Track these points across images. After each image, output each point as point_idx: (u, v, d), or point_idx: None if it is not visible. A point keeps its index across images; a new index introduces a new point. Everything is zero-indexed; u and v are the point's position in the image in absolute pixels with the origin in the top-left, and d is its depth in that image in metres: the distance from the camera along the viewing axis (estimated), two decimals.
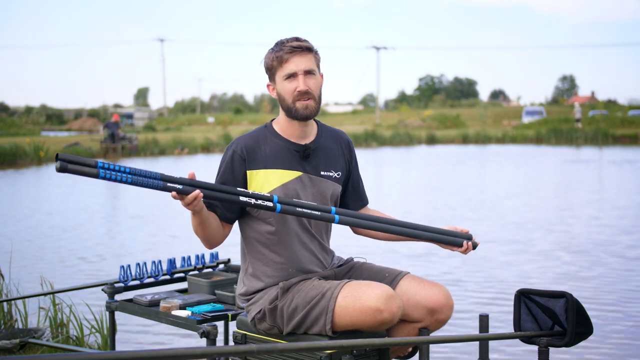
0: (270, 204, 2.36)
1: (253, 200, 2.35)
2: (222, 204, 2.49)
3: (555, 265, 6.74)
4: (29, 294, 4.18)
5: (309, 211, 2.42)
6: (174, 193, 2.25)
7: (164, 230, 9.15)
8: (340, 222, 2.49)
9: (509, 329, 3.63)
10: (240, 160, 2.51)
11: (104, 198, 13.20)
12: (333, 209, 2.49)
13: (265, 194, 2.38)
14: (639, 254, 7.27)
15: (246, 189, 2.51)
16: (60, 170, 2.08)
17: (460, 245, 2.63)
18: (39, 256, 7.34)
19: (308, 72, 2.48)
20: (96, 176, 2.12)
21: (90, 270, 6.64)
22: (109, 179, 2.13)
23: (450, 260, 6.80)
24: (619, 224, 9.19)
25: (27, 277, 5.91)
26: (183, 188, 2.27)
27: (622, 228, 8.87)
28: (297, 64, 2.47)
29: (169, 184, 2.25)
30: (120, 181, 2.16)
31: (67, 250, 7.68)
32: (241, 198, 2.34)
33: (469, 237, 2.66)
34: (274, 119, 2.64)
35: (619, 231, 8.62)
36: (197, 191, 2.28)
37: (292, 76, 2.48)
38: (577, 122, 37.16)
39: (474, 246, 2.67)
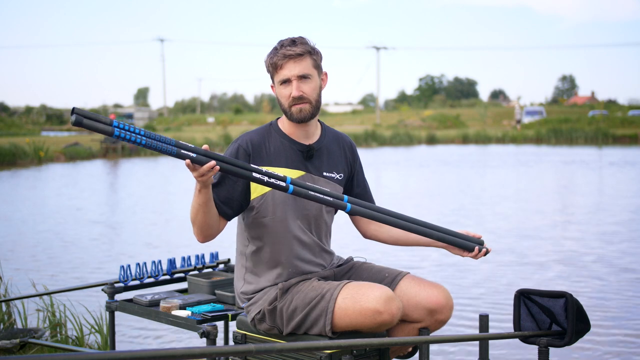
0: (283, 183, 2.34)
1: (266, 178, 2.32)
2: (223, 198, 2.47)
3: (555, 266, 6.74)
4: (29, 294, 4.18)
5: (321, 196, 2.39)
6: (188, 161, 2.22)
7: (164, 231, 9.15)
8: (352, 211, 2.46)
9: (509, 329, 3.63)
10: (244, 155, 2.51)
11: (103, 198, 13.20)
12: (345, 197, 2.47)
13: (279, 174, 2.36)
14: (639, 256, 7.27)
15: (248, 183, 2.50)
16: (76, 123, 2.06)
17: (472, 250, 2.60)
18: (38, 256, 7.34)
19: (302, 77, 2.49)
20: (110, 134, 2.10)
21: (90, 270, 6.64)
22: (123, 139, 2.12)
23: (450, 261, 6.79)
24: (619, 226, 9.19)
25: (26, 277, 5.90)
26: (197, 157, 2.24)
27: (622, 230, 8.87)
28: (291, 69, 2.47)
29: (183, 151, 2.22)
30: (135, 142, 2.13)
31: (67, 250, 7.68)
32: (254, 174, 2.31)
33: (481, 243, 2.63)
34: (279, 118, 2.65)
35: (620, 233, 8.62)
36: (213, 162, 2.25)
37: (286, 82, 2.50)
38: (517, 123, 40.28)
39: (486, 253, 2.62)
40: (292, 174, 2.53)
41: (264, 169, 2.49)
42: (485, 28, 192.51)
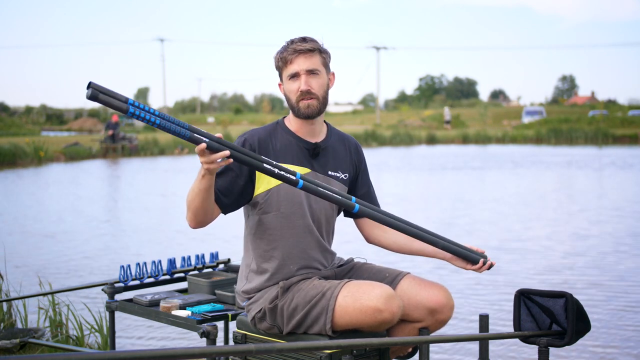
0: (293, 177, 2.32)
1: (276, 170, 2.30)
2: (222, 189, 2.47)
3: (555, 267, 6.74)
4: (29, 294, 4.18)
5: (330, 193, 2.38)
6: (203, 145, 2.19)
7: (164, 231, 9.15)
8: (359, 212, 2.43)
9: (509, 329, 3.63)
10: (250, 150, 2.51)
11: (103, 198, 13.19)
12: (354, 198, 2.45)
13: (289, 169, 2.34)
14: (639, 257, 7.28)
15: (251, 179, 2.51)
16: (91, 97, 2.04)
17: (476, 262, 2.58)
18: (38, 256, 7.34)
19: (311, 72, 2.51)
20: (125, 111, 2.08)
21: (90, 270, 6.64)
22: (137, 117, 2.09)
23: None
24: (620, 228, 9.20)
25: (26, 277, 5.90)
26: (210, 143, 2.21)
27: (623, 231, 8.88)
28: (300, 64, 2.50)
29: (195, 135, 2.19)
30: (148, 121, 2.11)
31: (67, 250, 7.68)
32: (265, 165, 2.29)
33: (484, 257, 2.61)
34: (285, 117, 2.67)
35: (621, 234, 8.62)
36: (227, 151, 2.23)
37: (295, 76, 2.52)
38: (447, 124, 42.93)
39: (490, 266, 2.61)
40: (298, 170, 2.53)
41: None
42: (485, 28, 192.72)
